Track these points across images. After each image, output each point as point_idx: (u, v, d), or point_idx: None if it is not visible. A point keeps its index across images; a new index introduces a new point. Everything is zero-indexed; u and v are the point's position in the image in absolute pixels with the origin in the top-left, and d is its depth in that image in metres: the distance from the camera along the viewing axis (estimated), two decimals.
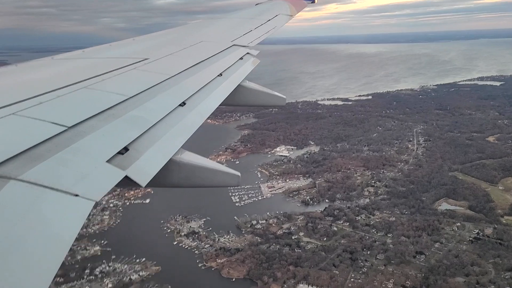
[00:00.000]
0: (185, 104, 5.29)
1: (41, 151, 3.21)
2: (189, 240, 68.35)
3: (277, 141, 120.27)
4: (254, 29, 10.89)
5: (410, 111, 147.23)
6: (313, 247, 63.50)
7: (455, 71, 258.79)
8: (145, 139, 4.09)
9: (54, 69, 6.21)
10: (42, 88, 4.57)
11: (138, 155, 3.77)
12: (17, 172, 2.84)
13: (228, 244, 66.48)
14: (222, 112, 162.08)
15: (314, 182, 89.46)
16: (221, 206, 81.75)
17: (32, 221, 2.57)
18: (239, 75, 7.41)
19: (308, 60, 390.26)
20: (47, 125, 3.64)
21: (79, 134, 3.68)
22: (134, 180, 3.47)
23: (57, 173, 3.06)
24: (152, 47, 8.38)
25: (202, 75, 6.65)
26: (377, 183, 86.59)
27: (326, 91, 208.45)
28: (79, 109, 4.28)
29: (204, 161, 4.96)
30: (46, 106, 4.09)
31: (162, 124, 4.53)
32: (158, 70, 6.23)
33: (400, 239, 63.40)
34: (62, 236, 2.61)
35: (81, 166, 3.27)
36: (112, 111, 4.36)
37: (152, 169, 3.75)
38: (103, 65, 6.12)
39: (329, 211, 74.61)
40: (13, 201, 2.65)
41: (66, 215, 2.80)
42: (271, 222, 72.81)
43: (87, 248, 66.08)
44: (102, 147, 3.67)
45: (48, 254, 2.45)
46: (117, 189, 52.73)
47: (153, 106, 4.88)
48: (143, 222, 75.21)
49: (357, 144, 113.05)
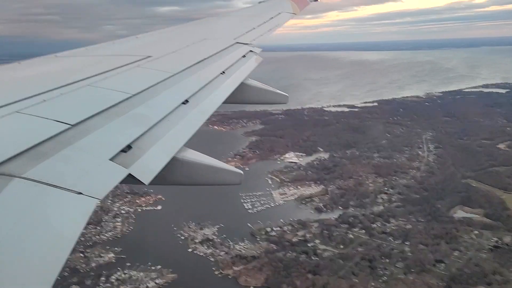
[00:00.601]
0: (188, 102, 5.29)
1: (44, 149, 3.22)
2: (204, 247, 67.59)
3: (286, 148, 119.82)
4: (257, 27, 10.86)
5: (418, 118, 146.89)
6: (330, 255, 62.76)
7: (459, 79, 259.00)
8: (148, 137, 4.11)
9: (57, 67, 6.17)
10: (45, 86, 4.55)
11: (141, 153, 3.78)
12: (20, 170, 2.85)
13: (244, 251, 65.71)
14: (228, 118, 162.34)
15: (326, 189, 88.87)
16: (233, 213, 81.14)
17: (36, 219, 2.57)
18: (242, 73, 7.38)
19: (311, 67, 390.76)
20: (50, 123, 3.63)
21: (82, 132, 3.69)
22: (137, 178, 3.47)
23: (61, 171, 3.07)
24: (155, 45, 8.39)
25: (205, 73, 6.64)
26: (390, 190, 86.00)
27: (331, 98, 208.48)
28: (83, 107, 4.29)
29: (207, 159, 4.95)
30: (49, 104, 4.09)
31: (165, 122, 4.55)
32: (161, 68, 6.23)
33: (419, 247, 62.67)
34: (66, 234, 2.59)
35: (84, 164, 3.29)
36: (115, 109, 4.37)
37: (155, 167, 3.75)
38: (106, 63, 6.14)
39: (344, 219, 73.93)
40: (17, 199, 2.65)
41: (70, 213, 2.80)
42: (286, 229, 72.11)
43: (101, 255, 65.39)
44: (105, 145, 3.68)
45: (52, 252, 2.43)
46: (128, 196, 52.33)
47: (156, 104, 4.91)
48: (156, 229, 74.48)
49: (367, 150, 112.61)
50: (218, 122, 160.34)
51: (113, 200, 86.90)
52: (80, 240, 59.96)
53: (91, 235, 72.04)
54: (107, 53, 7.31)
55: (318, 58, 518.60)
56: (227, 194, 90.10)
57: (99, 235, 72.27)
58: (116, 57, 6.81)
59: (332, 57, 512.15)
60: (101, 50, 7.58)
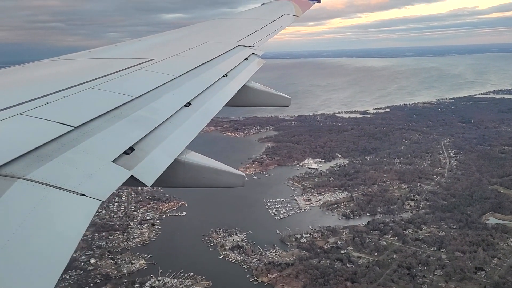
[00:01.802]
0: (190, 104, 5.30)
1: (47, 151, 3.24)
2: (235, 254, 66.63)
3: (304, 154, 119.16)
4: (259, 30, 10.77)
5: (433, 124, 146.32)
6: (366, 262, 61.75)
7: (468, 85, 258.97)
8: (151, 139, 4.13)
9: (61, 70, 6.18)
10: (49, 88, 4.57)
11: (144, 155, 3.80)
12: (24, 172, 2.87)
13: (276, 258, 64.74)
14: (241, 124, 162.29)
15: (351, 195, 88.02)
16: (260, 219, 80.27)
17: (39, 220, 2.58)
18: (244, 76, 7.35)
19: (316, 73, 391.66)
20: (53, 125, 3.65)
21: (85, 134, 3.71)
22: (139, 180, 3.48)
23: (64, 173, 3.08)
24: (158, 48, 8.42)
25: (207, 75, 6.63)
26: (416, 196, 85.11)
27: (342, 104, 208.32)
28: (86, 109, 4.29)
29: (209, 161, 4.93)
30: (52, 106, 4.10)
31: (167, 125, 4.57)
32: (164, 71, 6.23)
33: (456, 255, 61.64)
34: (68, 235, 2.61)
35: (87, 166, 3.29)
36: (118, 111, 4.37)
37: (158, 169, 3.78)
38: (109, 66, 6.16)
39: (374, 225, 72.98)
40: (20, 200, 2.66)
41: (72, 214, 2.81)
42: (316, 236, 71.15)
43: (132, 262, 64.56)
44: (108, 147, 3.69)
45: (55, 253, 2.46)
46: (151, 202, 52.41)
47: (159, 106, 4.90)
48: (183, 235, 73.56)
49: (386, 156, 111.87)
50: (231, 128, 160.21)
51: (137, 206, 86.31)
52: (108, 246, 58.96)
53: (119, 242, 71.26)
54: (110, 56, 7.25)
55: (322, 65, 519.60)
56: (251, 200, 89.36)
57: (127, 241, 71.42)
58: (119, 60, 6.77)
59: (337, 64, 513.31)
60: (104, 53, 7.52)
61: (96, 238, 72.07)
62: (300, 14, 13.76)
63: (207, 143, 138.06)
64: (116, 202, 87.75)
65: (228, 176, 5.07)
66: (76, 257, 65.90)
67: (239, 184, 5.15)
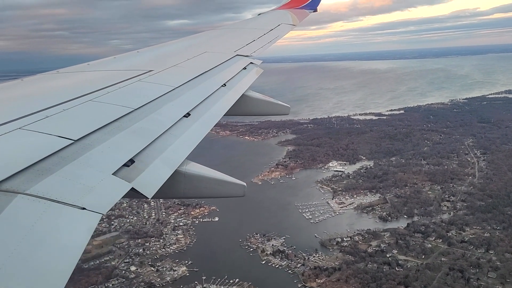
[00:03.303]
0: (189, 115, 5.29)
1: (47, 165, 3.21)
2: (277, 259, 65.28)
3: (328, 157, 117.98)
4: (257, 39, 10.85)
5: (452, 125, 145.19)
6: (414, 266, 60.38)
7: (478, 85, 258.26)
8: (151, 151, 4.10)
9: (60, 83, 6.17)
10: (48, 102, 4.55)
11: (144, 166, 3.78)
12: (24, 186, 2.85)
13: (321, 263, 63.37)
14: (257, 128, 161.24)
15: (384, 197, 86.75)
16: (295, 223, 78.95)
17: (40, 235, 2.54)
18: (243, 85, 7.38)
19: (322, 76, 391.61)
20: (53, 139, 3.62)
21: (85, 147, 3.68)
22: (140, 192, 3.46)
23: (64, 187, 3.05)
24: (156, 59, 8.45)
25: (206, 85, 6.65)
26: (451, 197, 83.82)
27: (355, 106, 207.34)
28: (85, 122, 4.26)
29: (209, 171, 4.89)
30: (52, 119, 4.07)
31: (167, 136, 4.56)
32: (163, 82, 6.22)
33: (506, 256, 60.25)
34: (70, 249, 2.60)
35: (88, 179, 3.26)
36: (118, 124, 4.36)
37: (158, 181, 3.74)
38: (108, 78, 6.14)
39: (415, 227, 71.67)
40: (21, 215, 2.65)
41: (74, 228, 2.79)
42: (357, 239, 69.82)
43: (174, 269, 63.18)
44: (108, 159, 3.65)
45: (56, 268, 2.44)
46: (182, 208, 52.16)
47: (158, 117, 4.89)
48: (220, 241, 72.18)
49: (412, 158, 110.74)
50: (248, 132, 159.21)
51: (167, 212, 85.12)
52: (146, 253, 57.52)
53: (156, 248, 69.97)
54: (109, 68, 7.29)
55: (326, 68, 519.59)
56: (282, 203, 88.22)
57: (164, 248, 70.13)
58: (118, 72, 6.78)
59: (341, 67, 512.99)
60: (103, 65, 7.55)
61: (133, 245, 70.84)
62: (297, 23, 13.86)
63: (227, 148, 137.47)
64: (145, 208, 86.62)
65: (229, 186, 5.01)
66: (115, 265, 64.71)
67: (240, 193, 5.05)
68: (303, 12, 15.92)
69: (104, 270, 62.41)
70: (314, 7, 16.66)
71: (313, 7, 16.63)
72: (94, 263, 64.80)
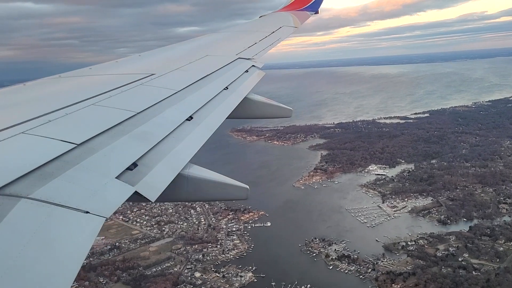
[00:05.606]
0: (192, 118, 5.28)
1: (51, 169, 3.19)
2: (345, 264, 63.48)
3: (366, 160, 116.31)
4: (259, 42, 10.81)
5: (485, 127, 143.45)
6: (492, 269, 58.44)
7: (497, 87, 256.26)
8: (154, 154, 4.08)
9: (62, 87, 6.15)
10: (51, 106, 4.53)
11: (147, 170, 3.76)
12: (27, 191, 2.84)
13: (391, 267, 61.49)
14: (284, 133, 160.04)
15: (437, 200, 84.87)
16: (351, 227, 77.14)
17: (43, 239, 2.54)
18: (245, 88, 7.36)
19: (335, 81, 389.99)
20: (56, 143, 3.60)
21: (88, 151, 3.65)
22: (143, 196, 3.45)
23: (67, 191, 3.05)
24: (158, 62, 8.39)
25: (208, 89, 6.60)
26: (507, 199, 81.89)
27: (378, 110, 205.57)
28: (88, 126, 4.24)
29: (212, 174, 4.86)
30: (55, 124, 4.06)
31: (169, 139, 4.54)
32: (165, 85, 6.19)
33: None
34: (74, 253, 2.60)
35: (91, 183, 3.26)
36: (120, 127, 4.33)
37: (161, 184, 3.74)
38: (110, 82, 6.09)
39: (480, 230, 69.74)
40: (25, 219, 2.63)
41: (77, 233, 2.78)
42: (422, 243, 67.94)
43: (240, 275, 61.45)
44: (111, 163, 3.63)
45: (60, 272, 2.44)
46: (230, 213, 51.21)
47: (161, 121, 4.88)
48: (278, 246, 70.46)
49: (453, 160, 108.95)
50: (275, 137, 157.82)
51: (216, 217, 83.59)
52: (206, 259, 55.74)
53: (216, 254, 68.34)
54: (111, 72, 7.26)
55: (336, 73, 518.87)
56: (332, 207, 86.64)
57: (224, 253, 68.48)
58: (120, 76, 6.74)
59: (351, 72, 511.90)
60: (105, 69, 7.52)
61: (191, 251, 69.25)
62: (298, 25, 13.67)
63: (259, 152, 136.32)
64: (192, 214, 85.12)
65: (232, 189, 4.94)
66: (179, 271, 63.12)
67: (243, 196, 5.03)
68: (304, 14, 15.59)
69: (170, 277, 60.80)
70: (316, 9, 16.21)
71: (314, 9, 16.18)
72: (156, 270, 63.28)
